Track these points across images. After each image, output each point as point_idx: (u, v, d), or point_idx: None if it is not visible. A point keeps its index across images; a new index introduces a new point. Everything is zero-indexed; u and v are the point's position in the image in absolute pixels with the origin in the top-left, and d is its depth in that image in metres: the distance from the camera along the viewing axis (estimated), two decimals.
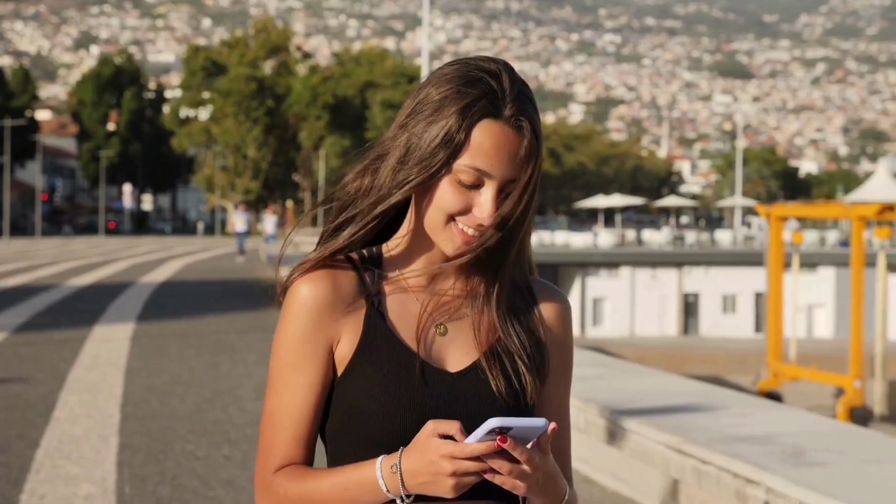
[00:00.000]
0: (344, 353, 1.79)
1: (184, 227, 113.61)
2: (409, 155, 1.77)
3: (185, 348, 14.63)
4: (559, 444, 1.88)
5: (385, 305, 1.82)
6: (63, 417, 9.67)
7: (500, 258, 1.84)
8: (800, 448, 5.53)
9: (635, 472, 6.64)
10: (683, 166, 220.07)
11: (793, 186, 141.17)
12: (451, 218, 1.77)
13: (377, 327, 1.80)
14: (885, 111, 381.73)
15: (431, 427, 1.62)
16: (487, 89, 1.75)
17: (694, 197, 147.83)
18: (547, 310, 1.90)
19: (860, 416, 24.56)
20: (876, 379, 30.86)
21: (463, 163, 1.74)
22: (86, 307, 20.42)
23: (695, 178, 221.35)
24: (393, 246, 1.87)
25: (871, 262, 31.63)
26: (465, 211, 1.76)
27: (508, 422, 1.56)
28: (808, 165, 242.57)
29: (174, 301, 22.47)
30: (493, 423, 1.56)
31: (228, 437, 8.90)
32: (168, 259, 41.99)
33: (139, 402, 10.47)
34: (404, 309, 1.83)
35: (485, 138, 1.73)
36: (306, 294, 1.79)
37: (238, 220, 38.93)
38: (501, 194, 1.76)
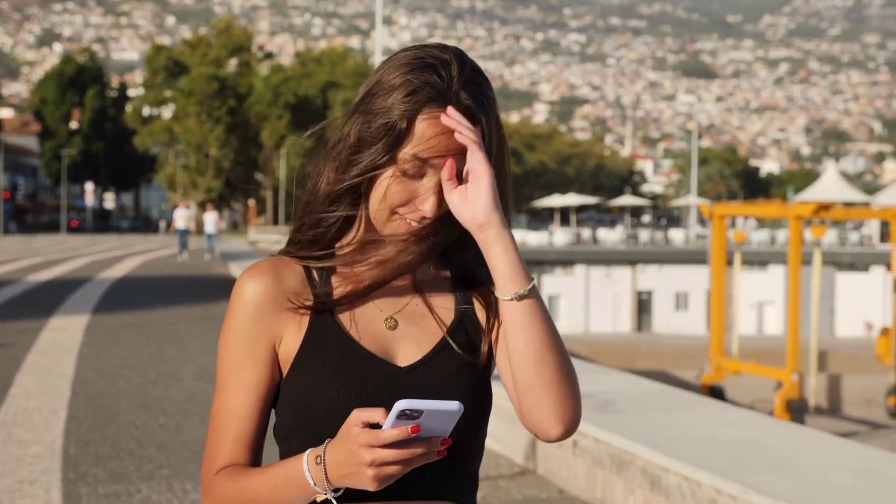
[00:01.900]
0: (289, 350, 1.75)
1: (146, 225, 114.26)
2: (359, 147, 1.73)
3: (136, 337, 15.69)
4: None
5: (333, 300, 1.78)
6: (18, 395, 10.72)
7: (453, 249, 1.83)
8: (610, 401, 6.72)
9: (507, 432, 7.80)
10: (646, 166, 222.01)
11: (753, 186, 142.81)
12: (395, 210, 1.73)
13: (324, 322, 1.76)
14: (847, 111, 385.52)
15: (356, 416, 1.57)
16: (434, 77, 1.71)
17: (654, 196, 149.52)
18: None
19: (797, 408, 25.70)
20: (811, 373, 32.15)
21: (406, 152, 1.70)
22: (44, 300, 21.39)
23: (657, 178, 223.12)
24: (346, 241, 1.82)
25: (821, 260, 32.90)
26: (408, 203, 1.72)
27: (417, 404, 1.51)
28: (770, 165, 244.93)
29: (129, 295, 23.47)
30: (401, 405, 1.51)
31: (166, 410, 9.99)
32: (127, 256, 42.88)
33: (88, 382, 11.54)
34: (353, 303, 1.79)
35: (427, 127, 1.69)
36: (249, 291, 1.75)
37: (179, 218, 39.18)
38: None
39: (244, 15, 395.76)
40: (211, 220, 40.84)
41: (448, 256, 1.84)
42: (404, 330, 1.78)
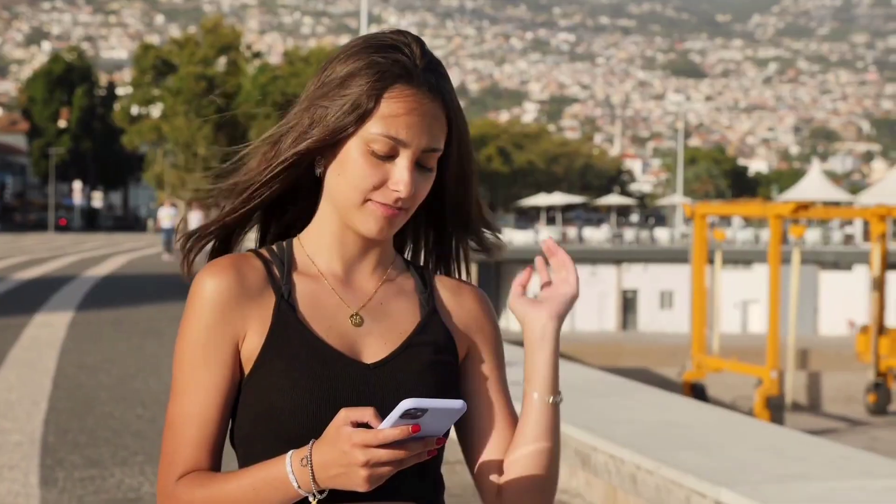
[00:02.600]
0: (252, 348, 1.69)
1: (136, 223, 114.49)
2: (313, 125, 1.69)
3: (118, 332, 16.06)
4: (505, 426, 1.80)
5: (295, 297, 1.73)
6: (1, 388, 11.08)
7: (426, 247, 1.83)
8: None
9: None
10: (635, 165, 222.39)
11: (741, 185, 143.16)
12: (367, 195, 1.68)
13: (287, 320, 1.70)
14: (836, 111, 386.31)
15: (344, 415, 1.52)
16: (399, 56, 1.68)
17: (642, 195, 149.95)
18: (465, 298, 1.82)
19: (776, 405, 26.17)
20: (788, 370, 32.63)
21: (375, 131, 1.65)
22: (29, 298, 21.70)
23: (646, 177, 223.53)
24: (304, 236, 1.78)
25: (803, 259, 33.37)
26: (381, 185, 1.67)
27: (423, 402, 1.49)
28: (759, 164, 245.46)
29: (113, 292, 23.82)
30: (406, 404, 1.48)
31: (143, 401, 10.37)
32: (114, 254, 43.18)
33: (70, 376, 11.90)
34: (316, 300, 1.74)
35: (398, 104, 1.65)
36: (210, 288, 1.69)
37: (164, 217, 39.65)
38: (417, 165, 1.68)
39: (233, 13, 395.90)
40: (196, 219, 41.11)
41: (414, 254, 1.85)
42: (370, 327, 1.74)
